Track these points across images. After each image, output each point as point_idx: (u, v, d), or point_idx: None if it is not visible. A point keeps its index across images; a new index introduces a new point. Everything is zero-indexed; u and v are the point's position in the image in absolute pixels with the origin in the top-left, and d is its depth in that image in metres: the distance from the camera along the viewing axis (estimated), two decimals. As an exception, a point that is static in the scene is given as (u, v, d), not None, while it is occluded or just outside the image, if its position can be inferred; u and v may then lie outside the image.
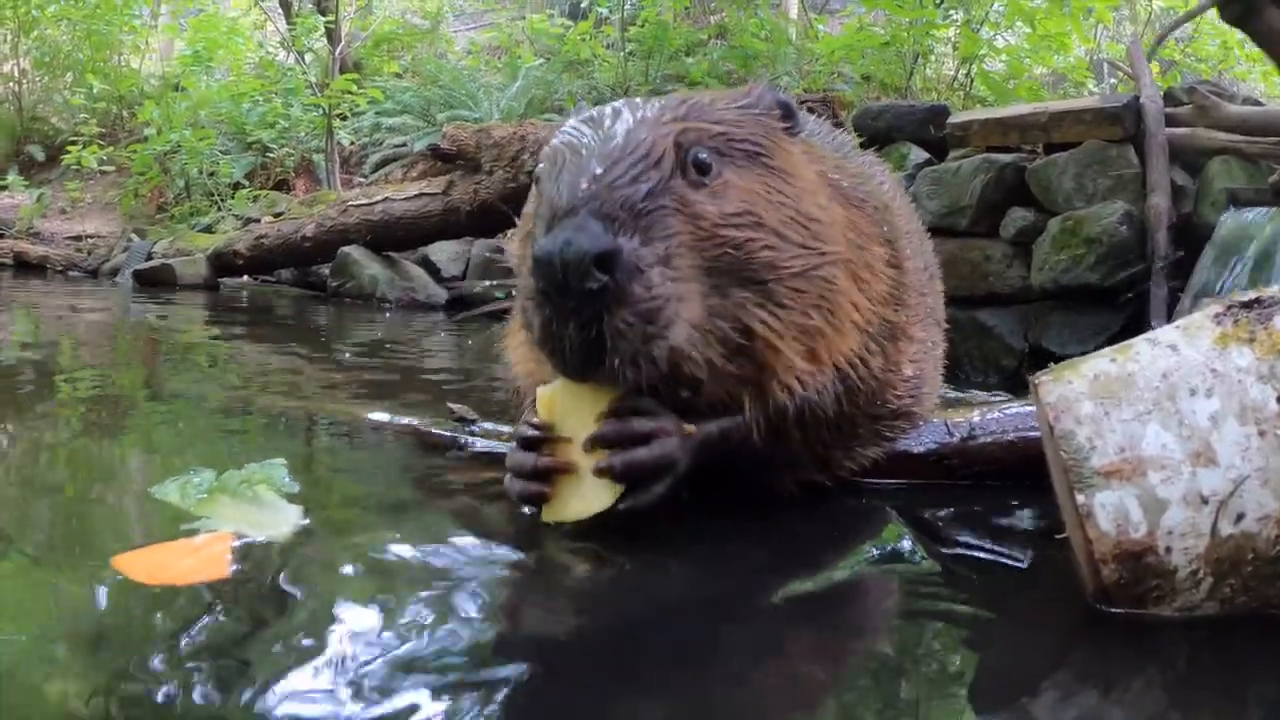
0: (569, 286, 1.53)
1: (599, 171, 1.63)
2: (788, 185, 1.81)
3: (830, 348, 1.85)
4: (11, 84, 14.59)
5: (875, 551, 1.84)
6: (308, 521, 1.80)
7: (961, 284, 4.88)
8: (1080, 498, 1.39)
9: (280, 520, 1.79)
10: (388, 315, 7.09)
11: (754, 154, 1.80)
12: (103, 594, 1.47)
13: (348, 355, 4.86)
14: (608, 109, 1.80)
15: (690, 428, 1.76)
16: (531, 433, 1.75)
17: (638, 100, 1.84)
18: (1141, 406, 1.42)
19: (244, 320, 6.78)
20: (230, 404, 3.21)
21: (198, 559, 1.60)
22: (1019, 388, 4.37)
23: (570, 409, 1.73)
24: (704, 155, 1.72)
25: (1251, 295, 1.50)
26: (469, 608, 1.50)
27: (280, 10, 12.93)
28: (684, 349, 1.62)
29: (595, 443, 1.70)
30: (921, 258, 2.38)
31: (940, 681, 1.36)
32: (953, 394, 3.67)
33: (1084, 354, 4.60)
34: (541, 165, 1.78)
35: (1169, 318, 4.29)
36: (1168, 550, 1.38)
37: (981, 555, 1.79)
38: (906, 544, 1.82)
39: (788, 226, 1.77)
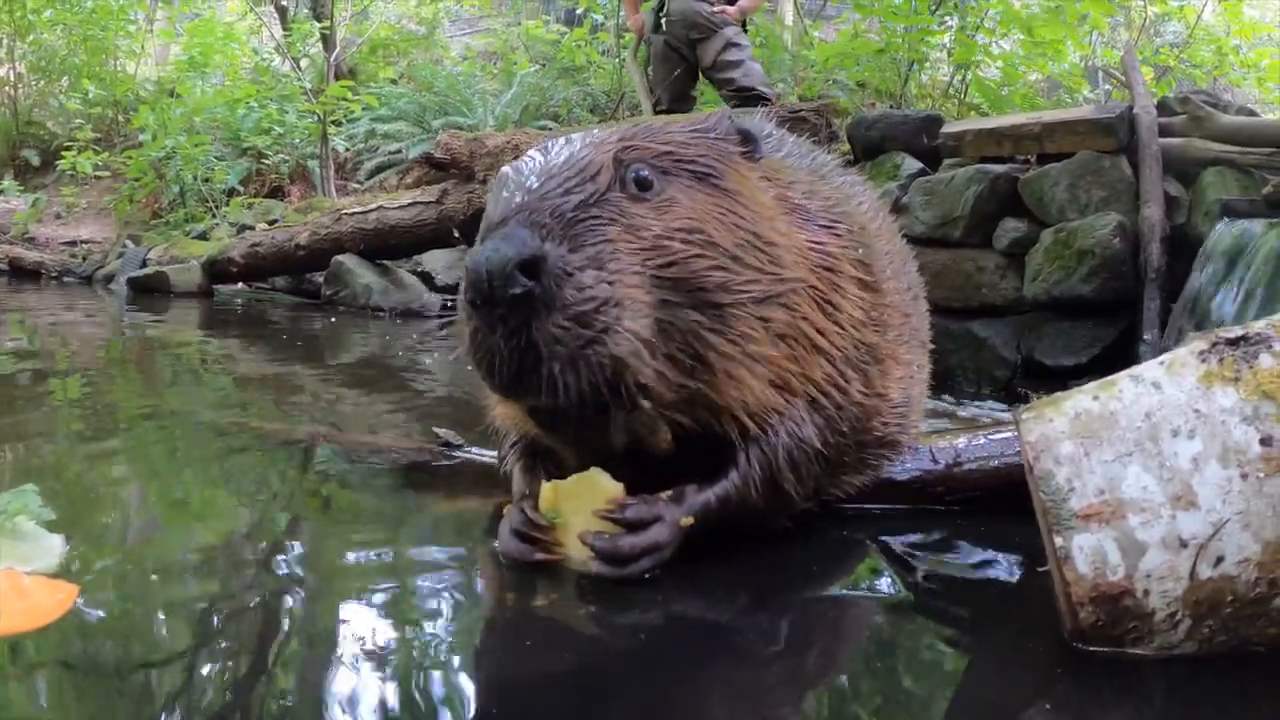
0: (494, 294, 1.49)
1: (534, 185, 1.63)
2: (742, 208, 1.76)
3: (800, 377, 1.81)
4: (7, 88, 14.54)
5: (853, 588, 1.81)
6: (68, 549, 1.75)
7: (954, 295, 4.87)
8: (1058, 540, 1.38)
9: (45, 551, 1.75)
10: (382, 323, 7.07)
11: (703, 175, 1.75)
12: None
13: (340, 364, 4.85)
14: (564, 138, 1.78)
15: (688, 520, 1.73)
16: (527, 529, 1.75)
17: (596, 131, 1.82)
18: (1122, 447, 1.40)
19: (237, 331, 6.76)
20: (222, 422, 3.20)
21: (34, 598, 1.56)
22: (1012, 399, 4.36)
23: (570, 501, 1.73)
24: (645, 172, 1.69)
25: (1238, 331, 1.48)
26: (430, 643, 1.49)
27: (276, 16, 12.90)
28: (625, 358, 1.56)
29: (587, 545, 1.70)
30: (904, 278, 2.35)
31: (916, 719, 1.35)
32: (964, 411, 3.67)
33: (1077, 366, 4.57)
34: (491, 188, 1.78)
35: (1162, 330, 4.28)
36: (1145, 593, 1.36)
37: (961, 589, 1.77)
38: (885, 579, 1.80)
39: (743, 250, 1.71)
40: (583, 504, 1.71)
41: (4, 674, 1.37)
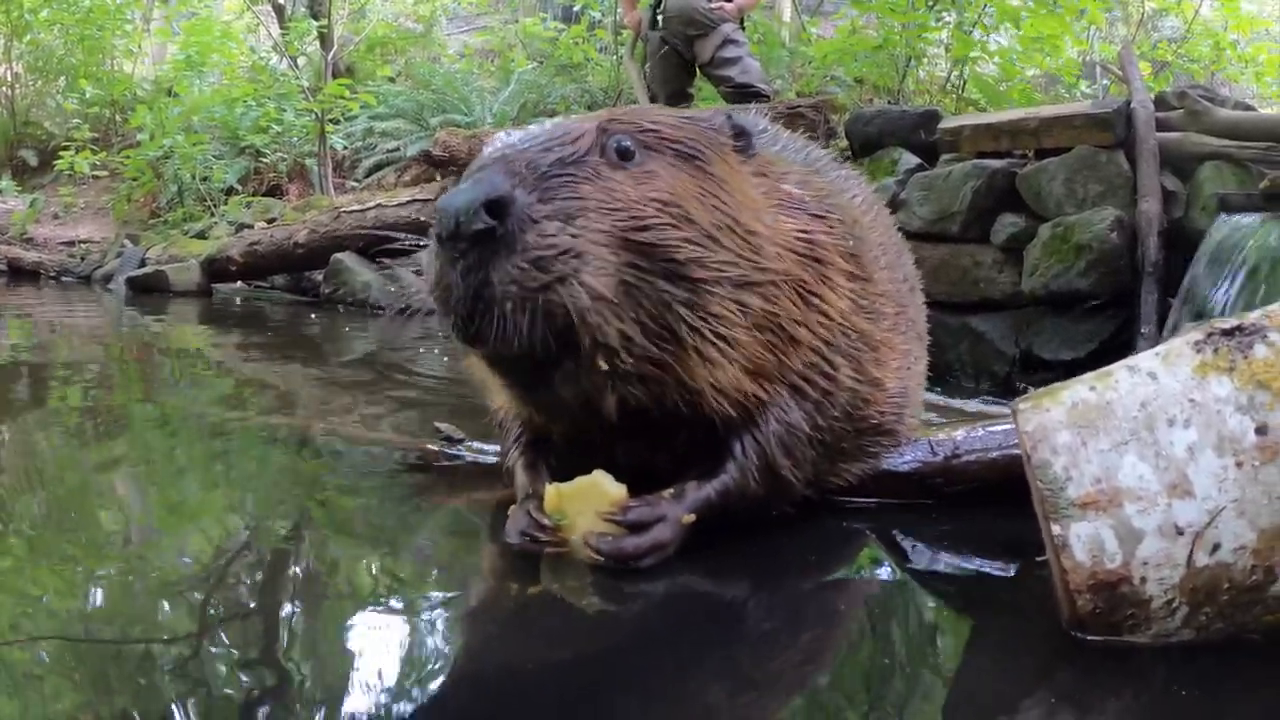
0: (458, 230, 1.51)
1: (515, 143, 1.67)
2: (725, 194, 1.76)
3: (777, 366, 1.82)
4: (4, 88, 14.53)
5: (853, 577, 1.83)
6: None
7: (953, 290, 4.88)
8: (1056, 528, 1.39)
9: None
10: (380, 320, 7.08)
11: (688, 156, 1.75)
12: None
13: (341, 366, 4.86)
14: (561, 117, 1.83)
15: (690, 517, 1.75)
16: (533, 530, 1.78)
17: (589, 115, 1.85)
18: (1119, 436, 1.41)
19: (237, 329, 6.77)
20: (221, 418, 3.21)
21: None
22: (1010, 393, 4.37)
23: (574, 503, 1.75)
24: (628, 143, 1.70)
25: (1233, 322, 1.50)
26: (433, 632, 1.50)
27: (273, 14, 12.89)
28: (581, 311, 1.56)
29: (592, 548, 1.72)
30: (900, 270, 2.36)
31: (915, 708, 1.36)
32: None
33: (1075, 360, 4.58)
34: None
35: (1159, 324, 4.29)
36: (1143, 580, 1.38)
37: (960, 578, 1.78)
38: (884, 569, 1.82)
39: (721, 232, 1.71)
40: (587, 505, 1.74)
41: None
